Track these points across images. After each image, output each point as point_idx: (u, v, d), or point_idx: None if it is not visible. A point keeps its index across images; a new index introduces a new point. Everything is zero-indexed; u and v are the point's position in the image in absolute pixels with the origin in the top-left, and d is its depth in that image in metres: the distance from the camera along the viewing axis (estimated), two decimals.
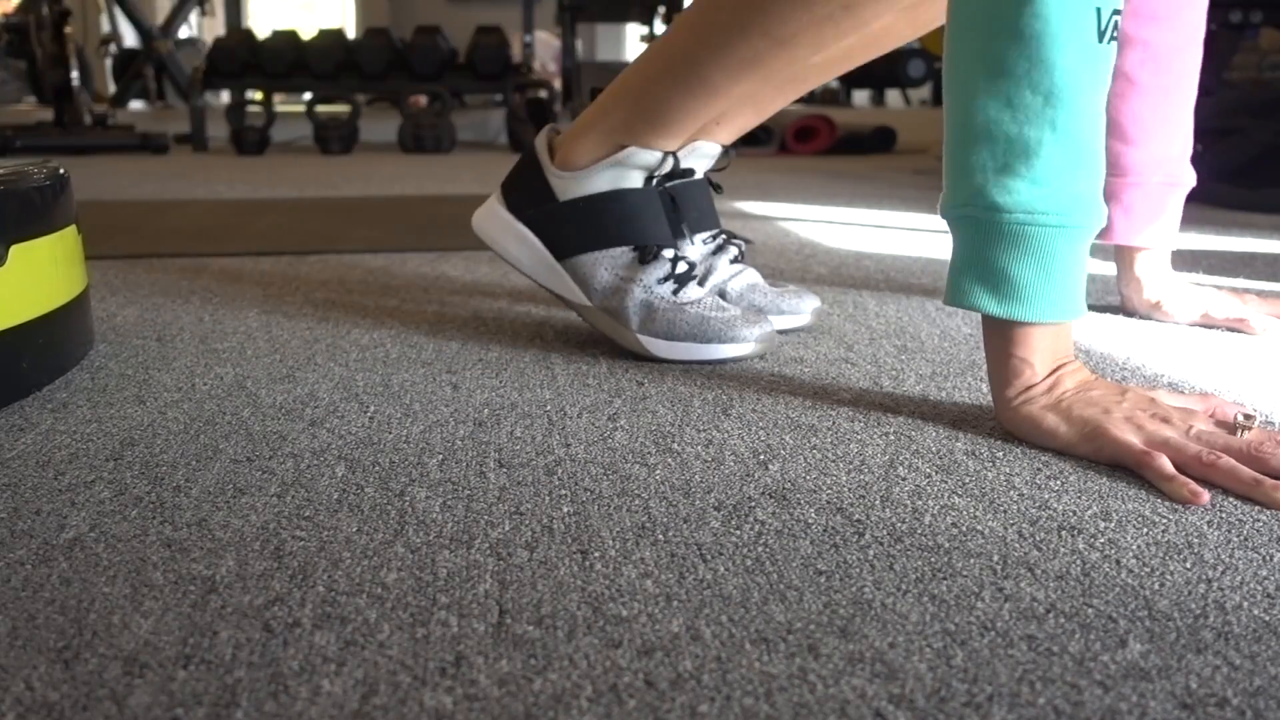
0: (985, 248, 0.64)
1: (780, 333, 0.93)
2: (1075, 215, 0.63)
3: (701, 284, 0.93)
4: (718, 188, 0.97)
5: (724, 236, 0.97)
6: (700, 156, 0.90)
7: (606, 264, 0.85)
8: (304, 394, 0.76)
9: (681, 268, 0.86)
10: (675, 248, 0.87)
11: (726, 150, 0.93)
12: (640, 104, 0.83)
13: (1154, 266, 0.99)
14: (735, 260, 0.96)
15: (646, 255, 0.85)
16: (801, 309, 0.95)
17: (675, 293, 0.84)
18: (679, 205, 0.91)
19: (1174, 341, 0.92)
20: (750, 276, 0.96)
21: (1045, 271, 0.63)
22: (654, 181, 0.87)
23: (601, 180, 0.85)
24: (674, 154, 0.85)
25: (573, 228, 0.86)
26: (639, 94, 0.84)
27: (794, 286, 0.99)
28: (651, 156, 0.84)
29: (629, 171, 0.85)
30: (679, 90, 0.81)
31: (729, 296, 0.94)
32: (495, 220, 0.90)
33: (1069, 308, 0.65)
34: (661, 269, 0.85)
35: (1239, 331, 0.94)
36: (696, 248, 0.95)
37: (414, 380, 0.79)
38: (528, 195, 0.88)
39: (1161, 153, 0.95)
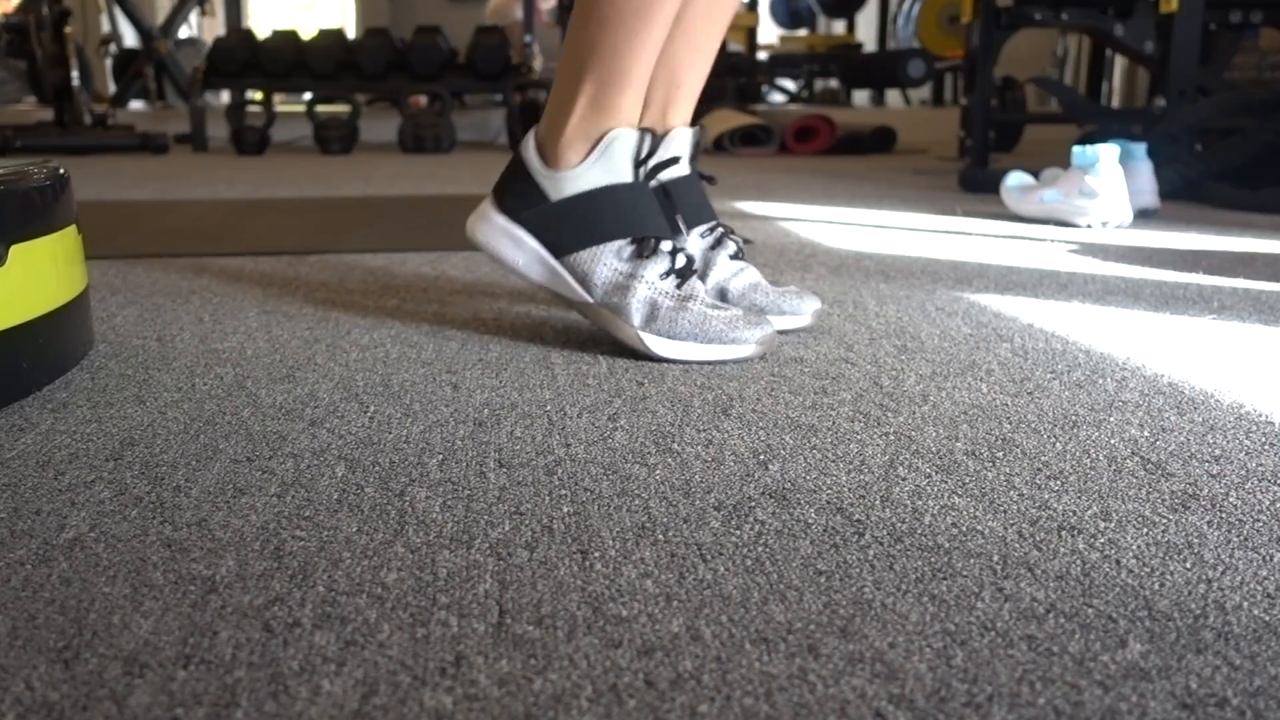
0: None
1: (780, 333, 0.93)
2: None
3: (703, 279, 0.93)
4: (710, 179, 0.98)
5: (721, 230, 0.97)
6: (679, 145, 0.90)
7: (606, 259, 0.85)
8: (304, 394, 0.76)
9: (681, 261, 0.86)
10: (674, 240, 0.87)
11: (697, 128, 0.94)
12: (595, 68, 0.84)
13: None
14: (735, 256, 0.96)
15: (645, 249, 0.85)
16: (802, 310, 0.95)
17: (679, 286, 0.84)
18: (672, 199, 0.92)
19: (1177, 342, 0.92)
20: (751, 275, 0.96)
21: None
22: (643, 174, 0.87)
23: (591, 176, 0.85)
24: (650, 131, 0.86)
25: (569, 225, 0.86)
26: (588, 59, 0.84)
27: (795, 287, 0.99)
28: (631, 137, 0.85)
29: (617, 164, 0.85)
30: (620, 32, 0.83)
31: (730, 295, 0.94)
32: (489, 225, 0.90)
33: None
34: (662, 264, 0.85)
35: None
36: (694, 242, 0.95)
37: (414, 380, 0.79)
38: (520, 198, 0.88)
39: None
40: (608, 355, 0.87)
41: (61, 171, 0.82)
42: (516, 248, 0.88)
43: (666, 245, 0.86)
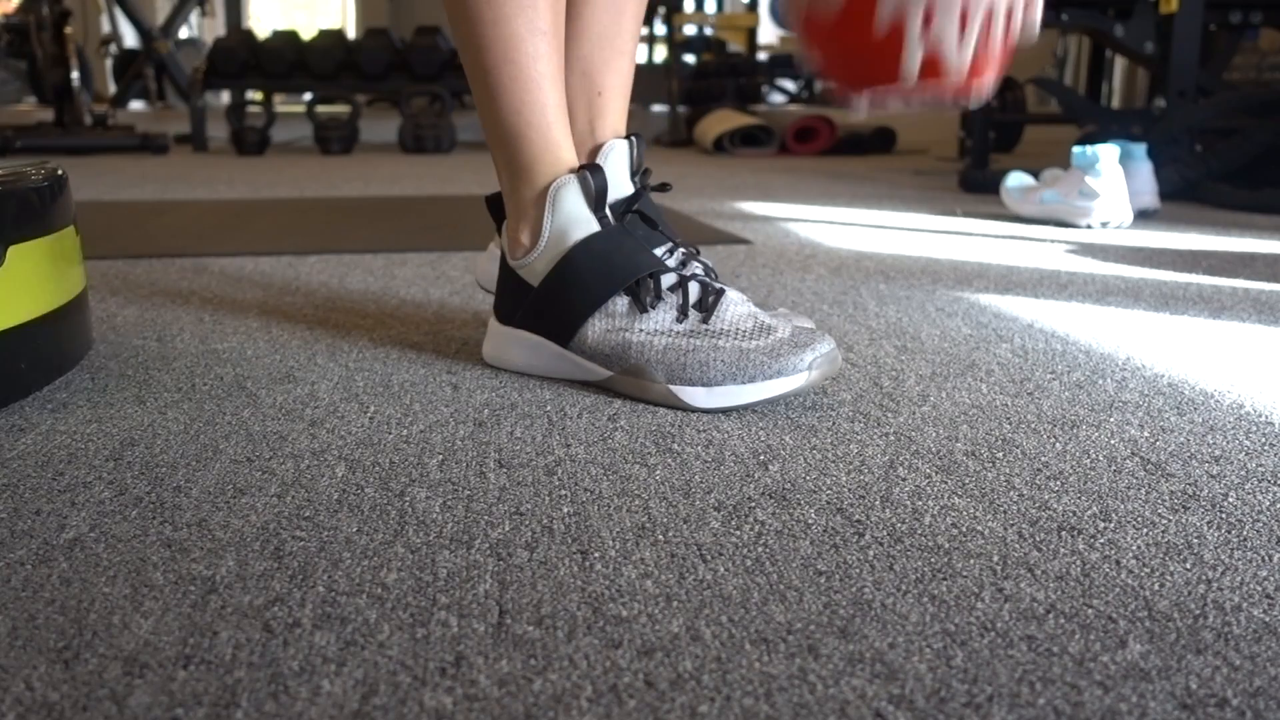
0: None
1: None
2: None
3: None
4: (663, 187, 0.87)
5: (683, 253, 0.83)
6: (616, 160, 0.80)
7: (604, 323, 0.75)
8: (304, 394, 0.76)
9: (695, 291, 0.75)
10: (675, 270, 0.77)
11: (634, 137, 0.83)
12: (507, 146, 0.79)
13: None
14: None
15: (644, 295, 0.75)
16: None
17: (705, 321, 0.73)
18: (652, 218, 0.82)
19: (1177, 342, 0.92)
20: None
21: None
22: (612, 214, 0.78)
23: (556, 244, 0.77)
24: (590, 166, 0.77)
25: (558, 305, 0.77)
26: (499, 140, 0.79)
27: (784, 310, 0.87)
28: (571, 183, 0.76)
29: (574, 216, 0.76)
30: (515, 103, 0.77)
31: None
32: (494, 339, 0.83)
33: None
34: (670, 307, 0.75)
35: None
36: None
37: (414, 380, 0.79)
38: (512, 300, 0.81)
39: None
40: None
41: (59, 172, 0.82)
42: (524, 350, 0.80)
43: (668, 279, 0.76)
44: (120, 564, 0.49)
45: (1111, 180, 1.61)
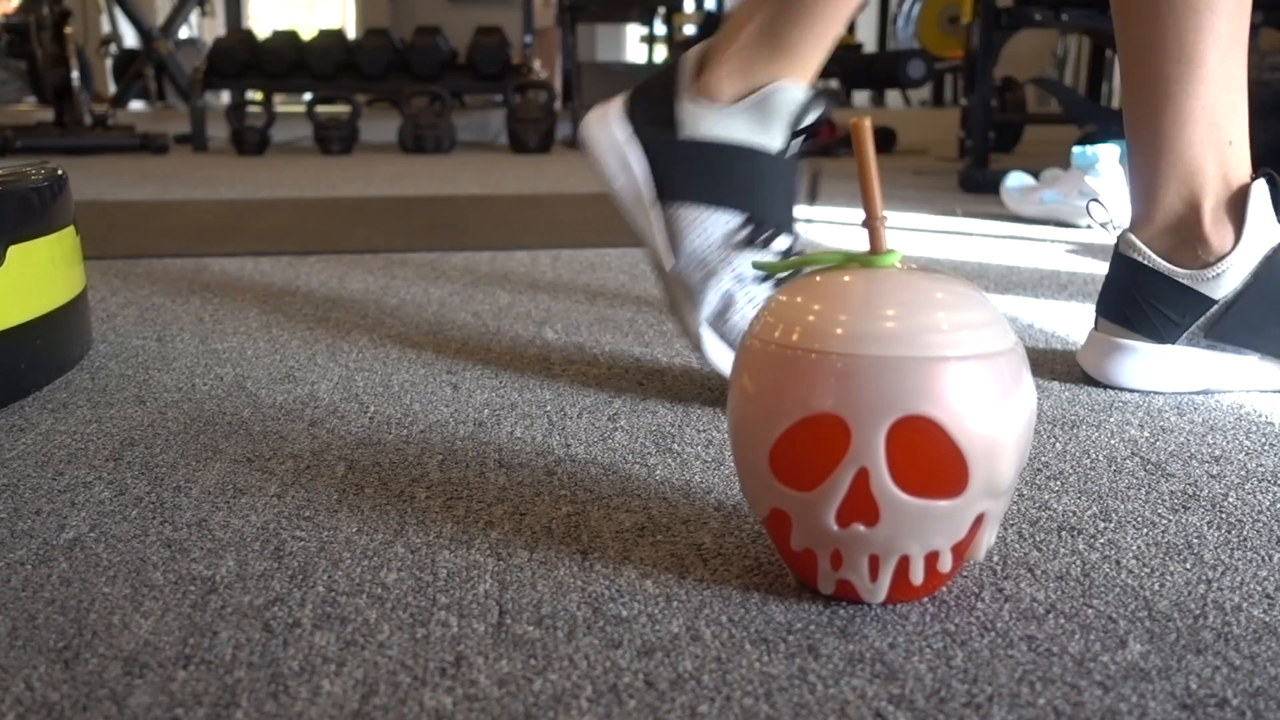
0: None
1: None
2: None
3: None
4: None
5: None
6: (1258, 202, 0.75)
7: (706, 227, 0.71)
8: (304, 394, 0.76)
9: None
10: (792, 237, 0.73)
11: (1273, 174, 0.77)
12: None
13: None
14: None
15: (756, 237, 0.71)
16: None
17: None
18: (811, 177, 0.76)
19: None
20: None
21: None
22: (794, 144, 0.73)
23: (733, 126, 0.71)
24: (823, 91, 0.72)
25: (686, 171, 0.72)
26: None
27: None
28: (795, 95, 0.71)
29: (768, 123, 0.71)
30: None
31: None
32: (606, 131, 0.75)
33: None
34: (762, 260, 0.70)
35: None
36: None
37: (414, 380, 0.79)
38: (651, 112, 0.74)
39: None
40: (607, 356, 0.87)
41: (60, 172, 0.82)
42: (621, 166, 0.74)
43: (782, 242, 0.72)
44: (120, 564, 0.49)
45: (1111, 180, 1.61)
